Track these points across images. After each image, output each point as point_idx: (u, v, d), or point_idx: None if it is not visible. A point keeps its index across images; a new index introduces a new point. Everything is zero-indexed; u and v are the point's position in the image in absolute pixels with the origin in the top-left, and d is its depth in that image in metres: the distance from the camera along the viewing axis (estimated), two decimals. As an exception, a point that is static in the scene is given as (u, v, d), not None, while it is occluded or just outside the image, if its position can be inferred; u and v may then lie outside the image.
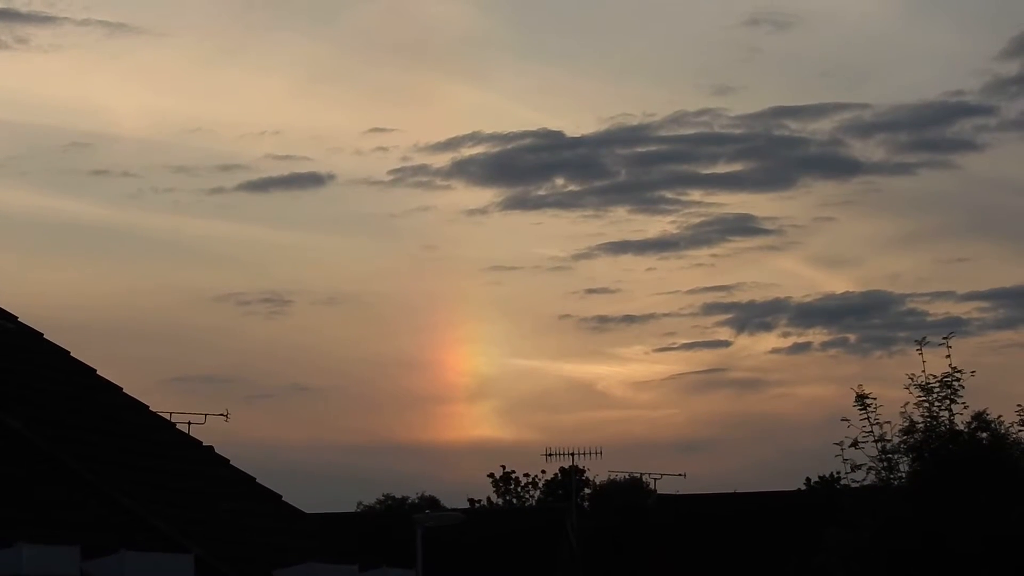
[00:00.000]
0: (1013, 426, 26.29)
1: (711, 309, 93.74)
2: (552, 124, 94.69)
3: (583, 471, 66.67)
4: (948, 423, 26.02)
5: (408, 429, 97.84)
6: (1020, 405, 26.55)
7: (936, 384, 26.01)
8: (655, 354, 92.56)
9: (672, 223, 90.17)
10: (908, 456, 26.06)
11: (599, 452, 58.25)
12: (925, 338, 26.26)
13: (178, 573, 18.32)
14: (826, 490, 51.26)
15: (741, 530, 49.96)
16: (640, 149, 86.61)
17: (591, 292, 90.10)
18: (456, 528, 32.92)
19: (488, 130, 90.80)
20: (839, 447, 25.73)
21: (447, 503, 69.51)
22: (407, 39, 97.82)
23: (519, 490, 73.07)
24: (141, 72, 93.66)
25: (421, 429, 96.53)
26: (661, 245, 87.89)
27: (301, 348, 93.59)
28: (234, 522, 22.58)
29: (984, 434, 26.10)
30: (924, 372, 26.08)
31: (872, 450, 25.95)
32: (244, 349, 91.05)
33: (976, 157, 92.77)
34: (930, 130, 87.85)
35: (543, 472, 72.56)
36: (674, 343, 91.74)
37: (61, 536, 17.59)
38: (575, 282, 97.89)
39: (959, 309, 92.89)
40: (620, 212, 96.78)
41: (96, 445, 21.12)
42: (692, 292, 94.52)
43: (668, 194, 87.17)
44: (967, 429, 26.08)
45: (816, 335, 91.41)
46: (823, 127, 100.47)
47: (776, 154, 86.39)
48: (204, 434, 26.75)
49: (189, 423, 33.65)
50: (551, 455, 59.02)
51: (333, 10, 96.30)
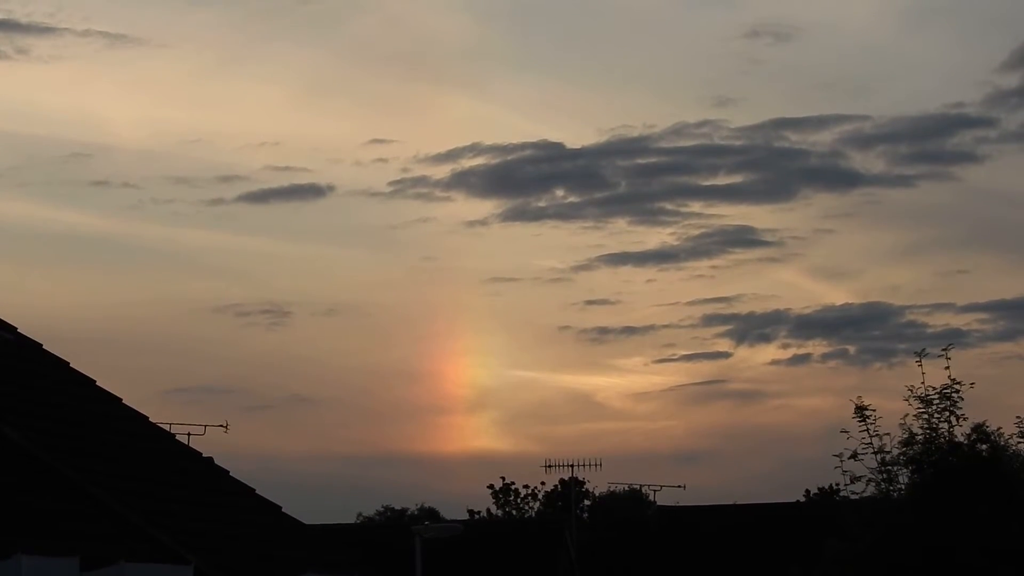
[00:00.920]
0: (1012, 438, 26.21)
1: (711, 320, 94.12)
2: (552, 135, 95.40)
3: (583, 483, 66.82)
4: (947, 435, 25.92)
5: (408, 440, 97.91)
6: (1020, 417, 26.38)
7: (935, 396, 25.86)
8: (655, 365, 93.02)
9: (672, 234, 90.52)
10: (907, 468, 25.97)
11: (599, 464, 58.24)
12: (924, 350, 26.18)
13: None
14: (826, 502, 51.20)
15: (741, 541, 49.96)
16: (640, 160, 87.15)
17: (591, 303, 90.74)
18: (455, 539, 32.93)
19: (488, 141, 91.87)
20: (838, 459, 25.63)
21: (446, 514, 69.66)
22: (406, 50, 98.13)
23: (519, 502, 73.03)
24: (141, 83, 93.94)
25: (421, 440, 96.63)
26: (661, 256, 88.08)
27: (300, 359, 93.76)
28: (234, 533, 22.53)
29: (984, 446, 26.03)
30: (923, 384, 25.99)
31: (871, 462, 25.84)
32: (244, 360, 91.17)
33: (976, 169, 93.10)
34: (930, 142, 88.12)
35: (542, 484, 72.70)
36: (674, 354, 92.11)
37: (60, 547, 17.54)
38: (575, 293, 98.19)
39: (959, 321, 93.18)
40: (620, 223, 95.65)
41: (95, 456, 21.10)
42: (692, 303, 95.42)
43: (668, 205, 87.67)
44: (967, 441, 26.00)
45: (816, 346, 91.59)
46: (823, 139, 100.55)
47: (776, 166, 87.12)
48: (204, 445, 26.91)
49: (189, 434, 33.67)
50: (550, 467, 59.02)
51: (332, 21, 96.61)
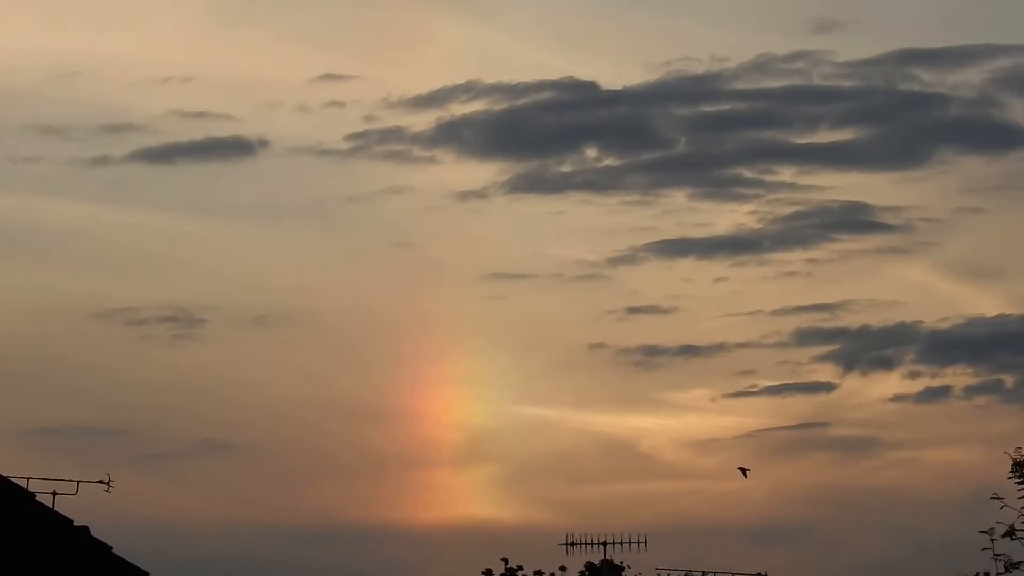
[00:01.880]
0: None
1: (807, 338, 76.68)
2: (582, 72, 78.41)
3: (620, 568, 62.77)
4: None
5: (368, 505, 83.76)
6: None
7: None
8: (724, 401, 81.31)
9: (752, 214, 75.80)
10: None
11: (643, 541, 53.98)
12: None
13: None
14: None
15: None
16: (707, 108, 74.50)
17: (634, 311, 76.19)
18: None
19: (489, 79, 77.03)
20: (987, 536, 22.76)
21: (426, 613, 65.88)
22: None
23: (528, 594, 69.26)
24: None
25: (387, 505, 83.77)
26: (736, 245, 74.38)
27: (217, 387, 75.82)
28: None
29: None
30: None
31: (1035, 541, 23.17)
32: (136, 388, 73.72)
33: None
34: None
35: (562, 569, 67.85)
36: (753, 386, 75.17)
37: None
38: (612, 297, 79.82)
39: None
40: (678, 198, 75.55)
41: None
42: (779, 313, 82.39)
43: (747, 173, 74.76)
44: None
45: (957, 376, 75.00)
46: (969, 79, 76.22)
47: (901, 117, 74.53)
48: (76, 509, 23.78)
49: (54, 492, 30.60)
50: (573, 544, 54.40)
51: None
